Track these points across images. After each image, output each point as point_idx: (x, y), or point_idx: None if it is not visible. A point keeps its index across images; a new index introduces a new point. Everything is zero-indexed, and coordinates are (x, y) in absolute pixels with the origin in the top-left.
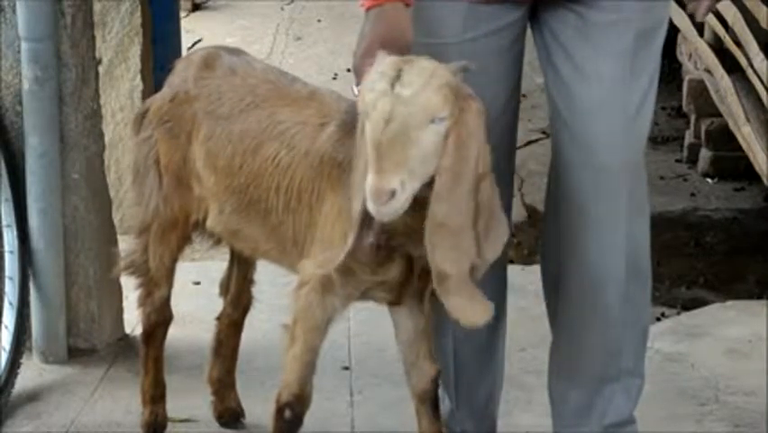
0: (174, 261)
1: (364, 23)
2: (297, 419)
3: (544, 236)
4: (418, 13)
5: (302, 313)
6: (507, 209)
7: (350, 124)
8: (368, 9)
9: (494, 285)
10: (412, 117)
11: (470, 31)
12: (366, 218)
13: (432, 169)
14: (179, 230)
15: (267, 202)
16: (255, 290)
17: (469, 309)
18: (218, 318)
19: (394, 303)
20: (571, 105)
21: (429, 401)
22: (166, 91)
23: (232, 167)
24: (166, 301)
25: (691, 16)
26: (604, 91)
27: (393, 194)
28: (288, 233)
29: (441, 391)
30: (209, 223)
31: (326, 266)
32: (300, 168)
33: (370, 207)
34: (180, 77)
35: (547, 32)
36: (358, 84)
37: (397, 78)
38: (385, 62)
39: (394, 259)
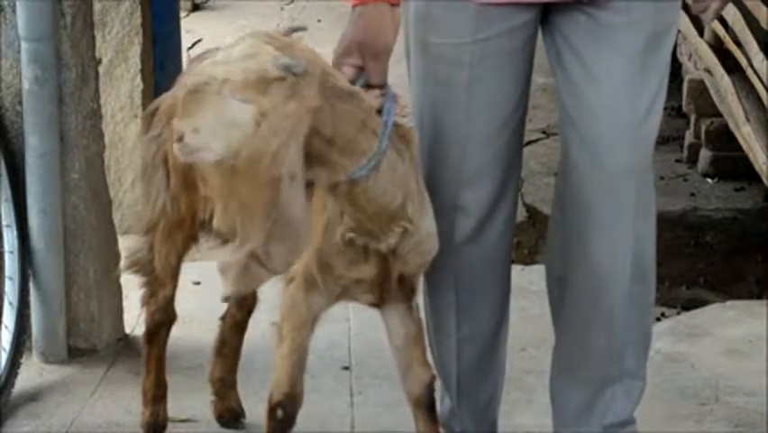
0: (180, 260)
1: (348, 20)
2: (290, 418)
3: (550, 236)
4: (430, 14)
5: (288, 310)
6: (513, 210)
7: None
8: (353, 6)
9: (497, 286)
10: (212, 80)
11: (482, 31)
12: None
13: (239, 140)
14: (186, 229)
15: None
16: (257, 290)
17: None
18: (222, 318)
19: (376, 304)
20: (580, 107)
21: (425, 406)
22: (177, 90)
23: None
24: (170, 301)
25: (693, 17)
26: (613, 93)
27: (182, 137)
28: None
29: (441, 391)
30: (215, 222)
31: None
32: None
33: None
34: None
35: (558, 33)
36: None
37: (231, 46)
38: (251, 34)
39: (368, 258)
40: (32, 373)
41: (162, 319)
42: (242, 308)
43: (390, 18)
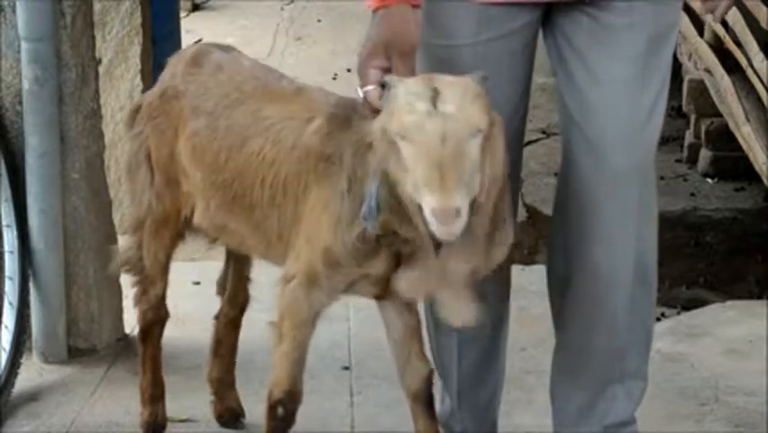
0: (168, 257)
1: (370, 24)
2: (290, 416)
3: (552, 237)
4: (431, 15)
5: (288, 309)
6: (513, 210)
7: (339, 117)
8: (375, 10)
9: (497, 287)
10: (462, 132)
11: (484, 33)
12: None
13: (477, 181)
14: (172, 226)
15: (251, 197)
16: (254, 289)
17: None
18: (216, 318)
19: (380, 297)
20: (582, 108)
21: (423, 401)
22: (157, 87)
23: (217, 162)
24: (161, 299)
25: (693, 17)
26: (616, 94)
27: (459, 212)
28: (273, 227)
29: (441, 391)
30: (196, 218)
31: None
32: (286, 162)
33: (437, 229)
34: (170, 73)
35: (560, 34)
36: (362, 86)
37: (435, 96)
38: (413, 82)
39: (380, 253)
40: (32, 373)
41: (155, 318)
42: (234, 306)
43: (414, 19)
